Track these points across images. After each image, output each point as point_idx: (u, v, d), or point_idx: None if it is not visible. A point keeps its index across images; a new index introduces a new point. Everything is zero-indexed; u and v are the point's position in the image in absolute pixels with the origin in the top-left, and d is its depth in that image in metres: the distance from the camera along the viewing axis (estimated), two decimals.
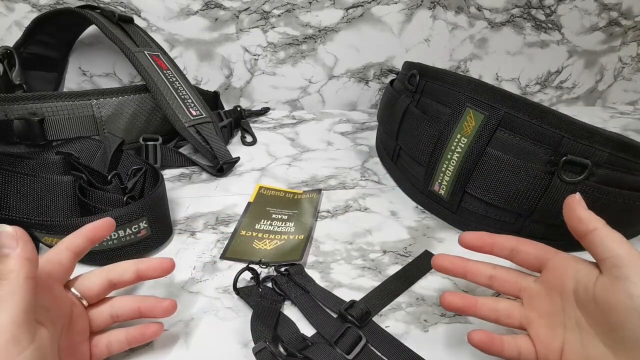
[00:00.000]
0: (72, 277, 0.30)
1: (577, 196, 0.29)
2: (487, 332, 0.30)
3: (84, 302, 0.30)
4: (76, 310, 0.28)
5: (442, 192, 0.47)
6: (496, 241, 0.32)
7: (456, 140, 0.44)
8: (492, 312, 0.31)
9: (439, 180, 0.47)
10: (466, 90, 0.44)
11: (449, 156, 0.45)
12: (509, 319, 0.31)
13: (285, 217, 0.49)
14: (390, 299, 0.39)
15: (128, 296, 0.32)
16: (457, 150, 0.44)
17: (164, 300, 0.32)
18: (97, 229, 0.31)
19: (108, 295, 0.32)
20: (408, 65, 0.56)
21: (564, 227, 0.31)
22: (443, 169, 0.46)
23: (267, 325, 0.34)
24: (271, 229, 0.47)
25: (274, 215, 0.49)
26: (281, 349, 0.33)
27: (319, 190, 0.54)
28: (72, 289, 0.29)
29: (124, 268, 0.31)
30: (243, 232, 0.46)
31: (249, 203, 0.51)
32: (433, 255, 0.43)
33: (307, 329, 0.35)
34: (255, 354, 0.31)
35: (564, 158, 0.39)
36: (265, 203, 0.51)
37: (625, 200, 0.40)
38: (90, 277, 0.30)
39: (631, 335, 0.24)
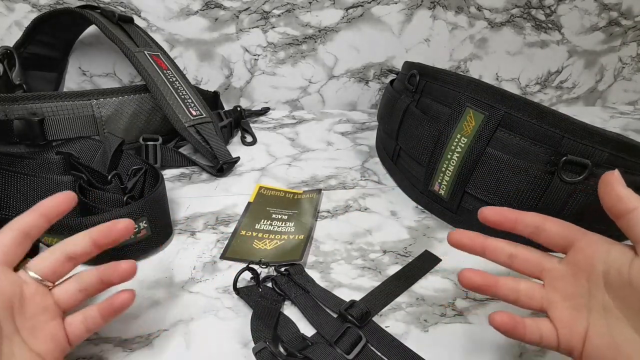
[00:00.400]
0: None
1: (616, 173, 0.27)
2: (510, 314, 0.29)
3: (47, 283, 0.29)
4: (29, 290, 0.28)
5: (442, 192, 0.47)
6: (519, 217, 0.30)
7: (456, 140, 0.44)
8: (513, 292, 0.29)
9: (439, 180, 0.47)
10: (466, 90, 0.44)
11: (449, 156, 0.45)
12: (530, 300, 0.29)
13: (285, 217, 0.49)
14: (390, 299, 0.38)
15: (91, 268, 0.30)
16: (457, 150, 0.44)
17: (120, 263, 0.30)
18: (54, 203, 0.29)
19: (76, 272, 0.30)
20: (408, 65, 0.56)
21: None
22: (443, 169, 0.46)
23: (267, 325, 0.34)
24: (271, 229, 0.47)
25: (274, 215, 0.49)
26: (281, 349, 0.33)
27: (319, 190, 0.54)
28: (29, 271, 0.28)
29: (77, 238, 0.30)
30: (243, 232, 0.46)
31: (249, 203, 0.51)
32: (433, 255, 0.44)
33: (307, 329, 0.35)
34: (255, 354, 0.31)
35: (564, 158, 0.39)
36: (265, 203, 0.51)
37: None
38: (44, 255, 0.29)
39: None
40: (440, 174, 0.46)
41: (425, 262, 0.43)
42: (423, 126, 0.48)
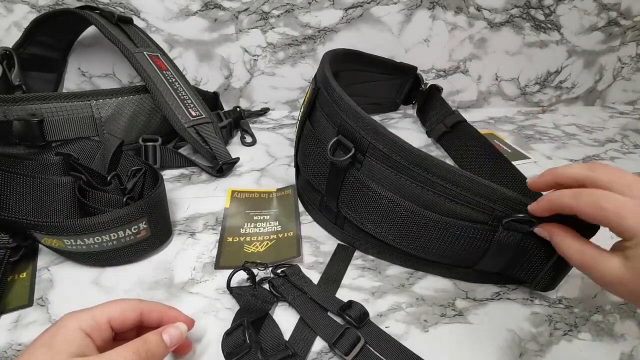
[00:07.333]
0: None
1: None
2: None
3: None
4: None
5: None
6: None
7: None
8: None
9: None
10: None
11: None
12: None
13: (267, 217, 0.49)
14: (331, 303, 0.37)
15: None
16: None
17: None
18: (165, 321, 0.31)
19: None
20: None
21: None
22: None
23: (250, 314, 0.34)
24: (257, 231, 0.46)
25: (255, 217, 0.49)
26: (260, 356, 0.32)
27: (293, 186, 0.54)
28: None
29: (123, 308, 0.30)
30: (230, 239, 0.45)
31: (225, 209, 0.50)
32: (345, 246, 0.44)
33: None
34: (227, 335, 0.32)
35: None
36: (243, 206, 0.51)
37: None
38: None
39: None
40: None
41: (342, 255, 0.43)
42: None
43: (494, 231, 0.35)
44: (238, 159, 0.60)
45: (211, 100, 0.72)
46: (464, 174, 0.34)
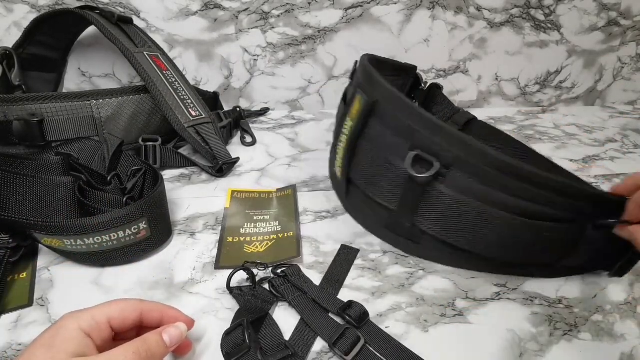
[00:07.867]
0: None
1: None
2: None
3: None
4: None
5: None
6: None
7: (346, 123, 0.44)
8: None
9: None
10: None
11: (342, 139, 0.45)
12: None
13: (267, 217, 0.49)
14: (332, 303, 0.37)
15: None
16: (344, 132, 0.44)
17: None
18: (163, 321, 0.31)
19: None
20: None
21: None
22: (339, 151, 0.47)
23: (250, 314, 0.34)
24: (257, 231, 0.46)
25: (255, 217, 0.49)
26: (259, 356, 0.32)
27: (293, 186, 0.54)
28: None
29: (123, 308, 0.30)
30: (230, 239, 0.45)
31: (225, 209, 0.50)
32: (350, 247, 0.44)
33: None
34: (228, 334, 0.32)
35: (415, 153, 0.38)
36: (243, 206, 0.51)
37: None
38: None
39: None
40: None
41: (346, 257, 0.43)
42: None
43: (584, 229, 0.37)
44: (238, 159, 0.60)
45: (211, 100, 0.72)
46: (557, 180, 0.35)
